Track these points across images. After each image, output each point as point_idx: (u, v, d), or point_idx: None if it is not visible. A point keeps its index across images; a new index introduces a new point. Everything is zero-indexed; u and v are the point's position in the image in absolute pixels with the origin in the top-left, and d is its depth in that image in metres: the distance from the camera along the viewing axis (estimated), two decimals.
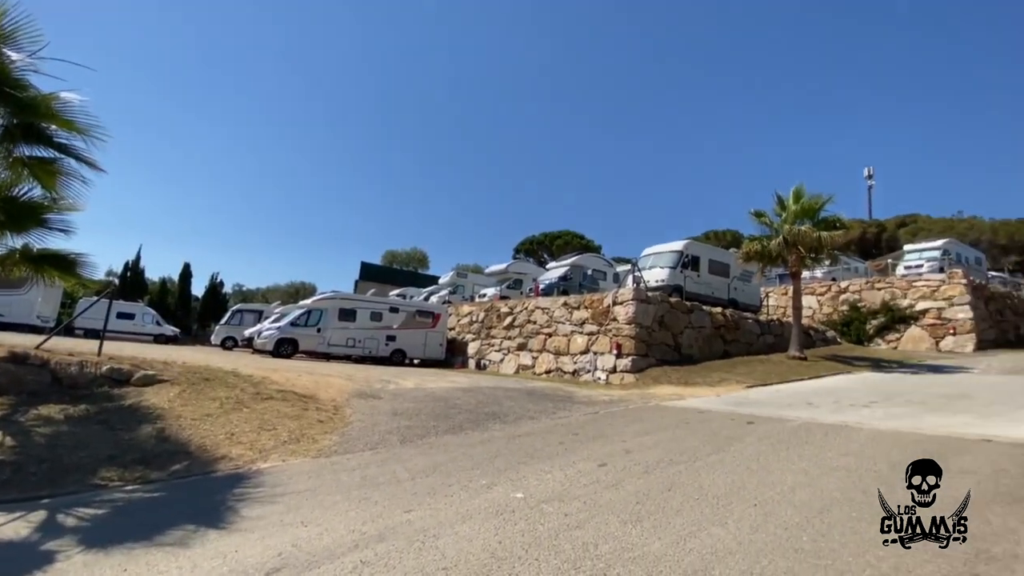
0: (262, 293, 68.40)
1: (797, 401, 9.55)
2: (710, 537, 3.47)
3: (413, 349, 20.89)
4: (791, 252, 16.50)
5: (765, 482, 4.68)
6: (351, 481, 4.98)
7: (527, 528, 3.64)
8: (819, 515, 3.85)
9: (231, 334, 27.31)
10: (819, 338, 20.87)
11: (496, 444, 6.44)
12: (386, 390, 10.33)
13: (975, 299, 21.12)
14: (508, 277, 28.34)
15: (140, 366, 8.58)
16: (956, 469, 4.98)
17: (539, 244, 57.52)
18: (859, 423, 7.23)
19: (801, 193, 16.99)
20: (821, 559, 3.13)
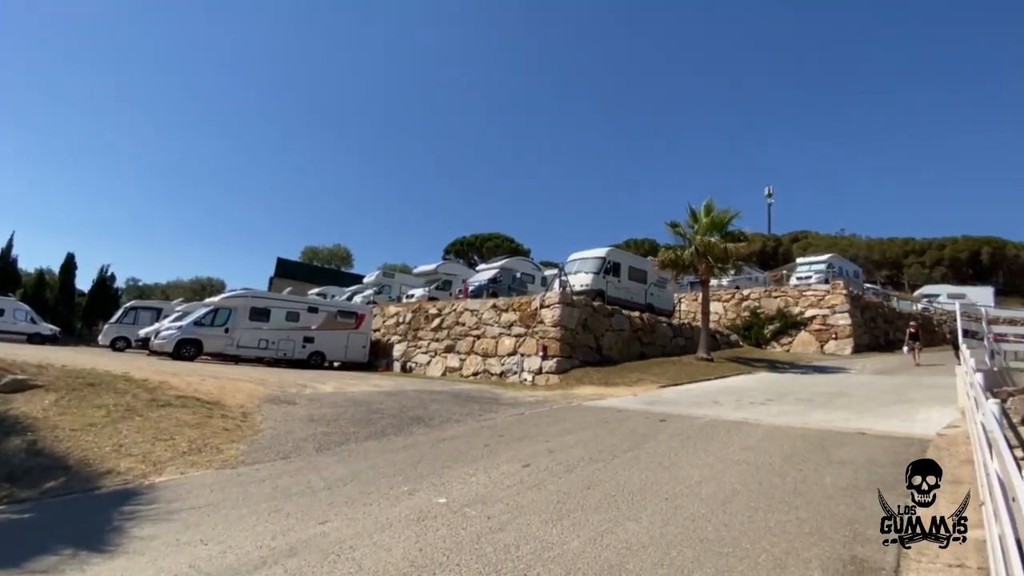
0: (162, 289, 62.37)
1: (704, 400, 10.28)
2: (625, 532, 3.63)
3: (333, 351, 19.97)
4: (701, 261, 17.76)
5: (675, 477, 4.98)
6: (260, 493, 4.66)
7: (449, 533, 3.60)
8: (722, 506, 4.16)
9: (123, 334, 24.58)
10: (724, 341, 22.61)
11: (420, 449, 6.32)
12: (302, 395, 9.80)
13: (853, 308, 23.91)
14: (437, 278, 27.97)
15: (8, 369, 7.50)
16: (837, 460, 5.59)
17: (469, 245, 57.41)
18: (757, 420, 7.92)
19: (711, 208, 18.35)
20: (724, 547, 3.38)
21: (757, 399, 10.22)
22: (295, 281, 41.54)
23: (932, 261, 50.70)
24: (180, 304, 28.19)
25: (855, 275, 30.97)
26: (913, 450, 5.90)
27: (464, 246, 57.62)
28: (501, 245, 54.04)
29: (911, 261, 51.54)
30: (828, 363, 18.63)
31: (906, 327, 19.95)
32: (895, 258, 52.46)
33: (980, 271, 49.04)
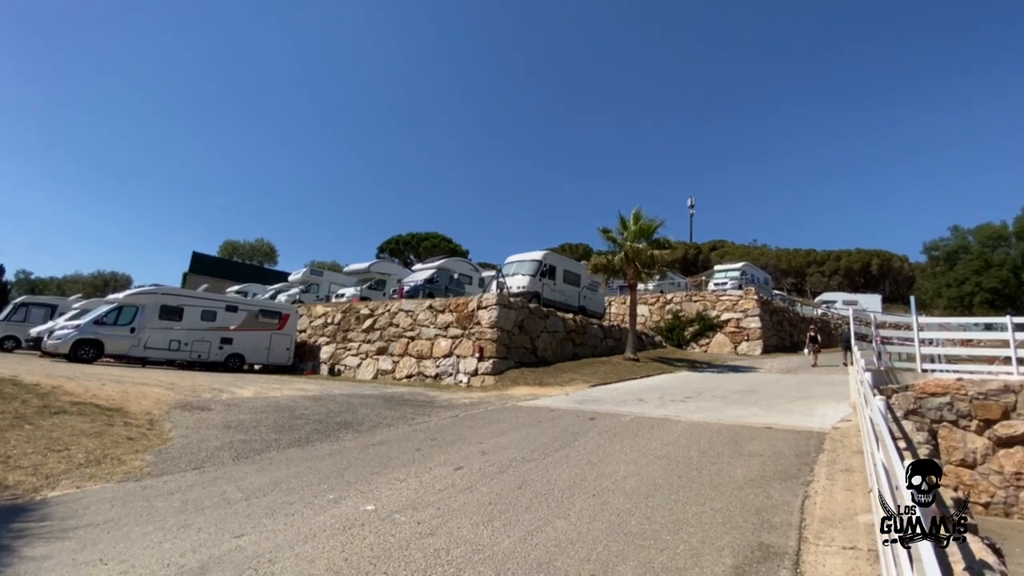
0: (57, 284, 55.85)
1: (630, 398, 10.74)
2: (554, 530, 3.71)
3: (254, 353, 18.79)
4: (630, 266, 18.57)
5: (603, 473, 5.17)
6: (168, 507, 4.29)
7: (376, 541, 3.50)
8: (645, 500, 4.37)
9: (12, 333, 21.73)
10: (650, 342, 23.77)
11: (348, 455, 6.10)
12: (218, 400, 9.15)
13: (763, 312, 26.01)
14: (370, 277, 27.11)
15: None
16: (748, 452, 6.05)
17: (406, 244, 56.16)
18: (678, 416, 8.39)
19: (640, 216, 19.24)
20: (646, 540, 3.55)
21: (678, 397, 10.82)
22: (212, 278, 38.65)
23: (830, 271, 56.25)
24: (78, 301, 25.24)
25: (765, 282, 33.71)
26: (812, 443, 6.49)
27: (400, 245, 56.30)
28: (439, 245, 53.36)
29: (813, 270, 56.92)
30: (741, 363, 20.09)
31: (808, 330, 21.98)
32: (799, 267, 57.67)
33: (870, 280, 55.06)
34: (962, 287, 39.64)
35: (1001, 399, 9.01)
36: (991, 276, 38.59)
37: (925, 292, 43.38)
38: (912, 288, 46.03)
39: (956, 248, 46.48)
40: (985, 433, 9.07)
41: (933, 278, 45.54)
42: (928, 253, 50.83)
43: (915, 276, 53.00)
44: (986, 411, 9.10)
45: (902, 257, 57.12)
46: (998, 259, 40.42)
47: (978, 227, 47.09)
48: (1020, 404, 8.88)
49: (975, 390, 9.19)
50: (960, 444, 9.15)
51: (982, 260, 40.43)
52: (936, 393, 9.45)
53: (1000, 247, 43.96)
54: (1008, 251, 42.62)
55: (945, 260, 45.77)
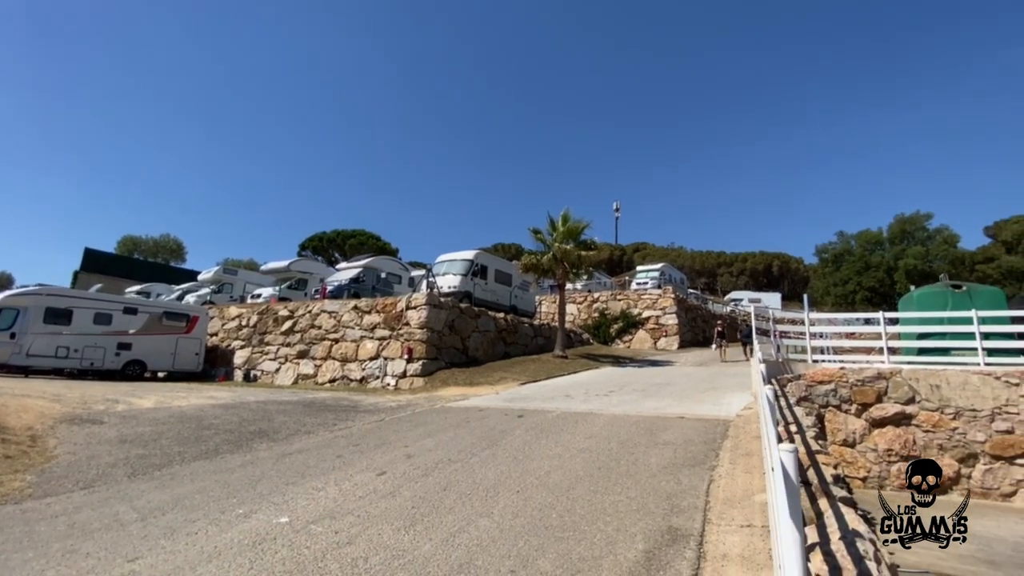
0: None
1: (558, 394, 11.03)
2: (477, 529, 3.74)
3: (157, 359, 17.20)
4: (559, 266, 19.08)
5: (527, 470, 5.27)
6: (51, 532, 3.83)
7: (290, 555, 3.34)
8: (567, 493, 4.51)
9: None
10: (578, 340, 24.56)
11: (261, 466, 5.75)
12: (112, 412, 8.29)
13: (679, 309, 27.76)
14: (290, 276, 25.71)
15: None
16: (662, 441, 6.42)
17: (330, 242, 53.80)
18: (601, 410, 8.74)
19: (568, 217, 19.79)
20: (566, 532, 3.67)
21: (602, 391, 11.27)
22: (109, 276, 34.91)
23: (738, 271, 61.13)
24: None
25: (681, 282, 36.03)
26: (719, 430, 7.02)
27: (324, 243, 53.87)
28: (366, 243, 51.69)
29: (723, 271, 61.58)
30: (660, 357, 21.29)
31: (715, 326, 23.70)
32: (711, 268, 62.16)
33: (772, 280, 60.47)
34: (846, 286, 44.60)
35: (875, 385, 10.25)
36: (870, 276, 43.76)
37: (817, 291, 48.34)
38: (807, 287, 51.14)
39: (842, 251, 52.28)
40: (863, 416, 10.28)
41: (823, 278, 50.84)
42: (819, 255, 56.79)
43: (809, 276, 58.89)
44: (863, 396, 10.31)
45: (799, 259, 63.27)
46: (875, 260, 45.91)
47: (859, 232, 53.33)
48: (891, 389, 10.15)
49: (854, 377, 10.39)
50: (842, 426, 10.30)
51: (863, 262, 45.75)
52: (823, 381, 10.57)
53: (877, 250, 49.99)
54: (883, 254, 48.57)
55: (833, 262, 51.31)
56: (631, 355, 22.07)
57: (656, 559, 3.17)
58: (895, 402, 10.04)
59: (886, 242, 51.14)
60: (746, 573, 3.00)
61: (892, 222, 51.65)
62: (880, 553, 2.61)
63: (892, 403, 10.07)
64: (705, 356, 21.53)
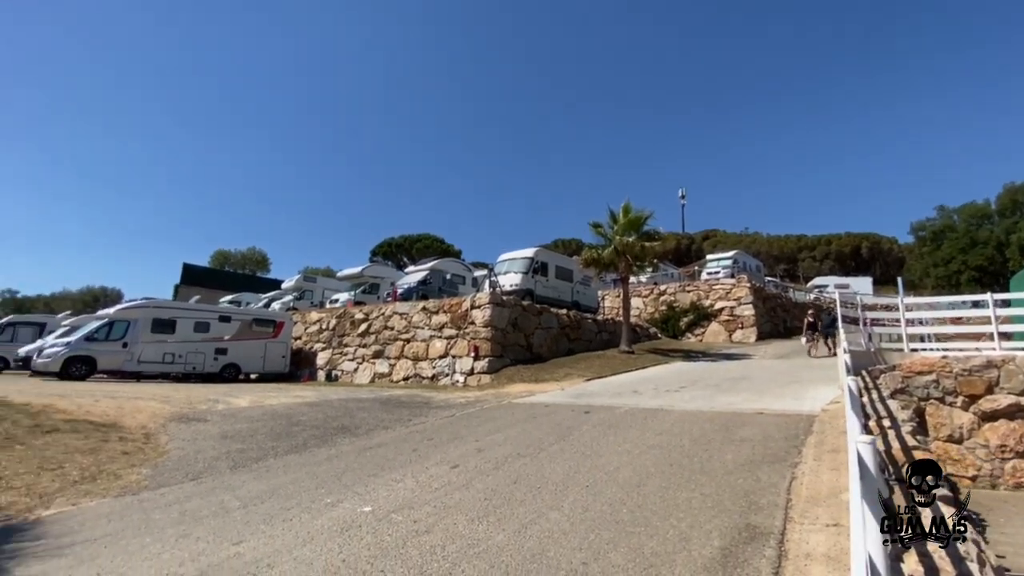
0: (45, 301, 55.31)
1: (625, 390, 10.85)
2: (548, 522, 3.79)
3: (250, 363, 18.77)
4: (621, 260, 18.68)
5: (596, 465, 5.25)
6: (166, 519, 4.34)
7: (374, 541, 3.57)
8: (637, 489, 4.46)
9: (0, 353, 21.53)
10: (644, 334, 23.94)
11: (345, 459, 6.15)
12: (214, 411, 9.16)
13: (756, 299, 26.23)
14: (363, 281, 27.07)
15: None
16: (738, 438, 6.16)
17: (398, 247, 56.13)
18: (671, 406, 8.50)
19: (629, 209, 19.32)
20: (637, 527, 3.64)
21: (672, 387, 10.94)
22: (204, 288, 38.39)
23: (821, 255, 56.76)
24: (68, 318, 25.06)
25: (757, 269, 34.01)
26: (802, 425, 6.62)
27: (393, 248, 56.27)
28: (431, 246, 53.36)
29: (804, 256, 57.40)
30: (735, 350, 20.28)
31: (803, 316, 22.01)
32: (791, 253, 58.15)
33: (861, 263, 55.63)
34: (949, 266, 40.17)
35: (985, 375, 9.19)
36: (977, 254, 39.14)
37: (914, 272, 43.93)
38: (902, 269, 46.60)
39: (942, 228, 47.10)
40: (970, 408, 9.25)
41: (921, 258, 46.11)
42: (915, 234, 51.48)
43: (904, 257, 53.62)
44: (971, 387, 9.28)
45: (891, 239, 57.79)
46: (983, 236, 40.98)
47: (963, 206, 47.78)
48: (1003, 379, 9.07)
49: (959, 367, 9.37)
50: (947, 420, 9.33)
51: (968, 238, 41.00)
52: (922, 372, 9.62)
53: (984, 225, 44.58)
54: (992, 228, 43.23)
55: (932, 240, 46.36)
56: (703, 349, 21.21)
57: (733, 556, 3.07)
58: (1009, 393, 8.95)
59: (994, 215, 45.44)
60: (832, 574, 2.83)
61: (1001, 192, 45.78)
62: (985, 555, 2.37)
63: (1005, 394, 8.98)
64: (786, 348, 20.26)
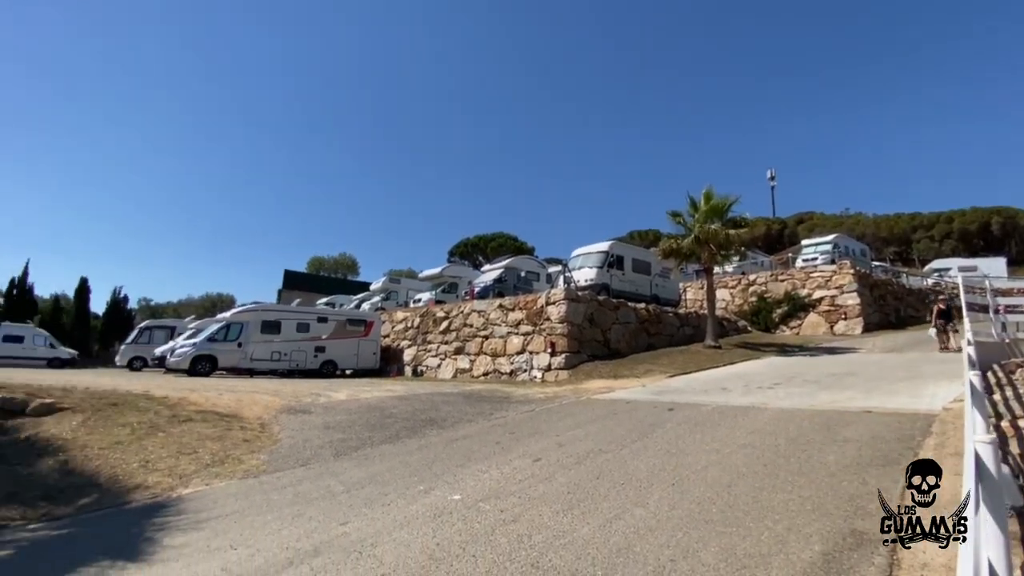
0: (173, 307, 63.17)
1: (712, 387, 10.37)
2: (633, 518, 3.77)
3: (345, 359, 20.25)
4: (703, 249, 17.79)
5: (682, 463, 5.11)
6: (282, 499, 4.86)
7: (464, 527, 3.76)
8: (727, 489, 4.29)
9: (139, 353, 24.96)
10: (732, 328, 22.63)
11: (434, 450, 6.50)
12: (317, 403, 10.02)
13: (861, 287, 23.77)
14: (443, 281, 28.16)
15: (36, 394, 7.77)
16: (842, 438, 5.69)
17: (474, 247, 57.60)
18: (764, 404, 8.02)
19: (711, 195, 18.35)
20: (728, 527, 3.51)
21: (765, 383, 10.30)
22: (303, 292, 41.92)
23: (941, 235, 50.11)
24: (192, 321, 28.64)
25: (862, 253, 30.80)
26: (919, 425, 5.98)
27: (468, 247, 57.82)
28: (505, 244, 54.17)
29: (920, 236, 50.97)
30: (837, 344, 18.61)
31: (931, 304, 19.44)
32: (903, 234, 51.93)
33: (991, 242, 48.40)
34: None
35: None
36: None
37: None
38: None
39: None
40: None
41: None
42: None
43: None
44: None
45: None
46: None
47: None
48: None
49: None
50: None
51: None
52: None
53: None
54: None
55: None
56: (800, 342, 19.68)
57: (836, 563, 2.88)
58: None
59: None
60: None
61: None
62: None
63: None
64: (899, 340, 18.26)
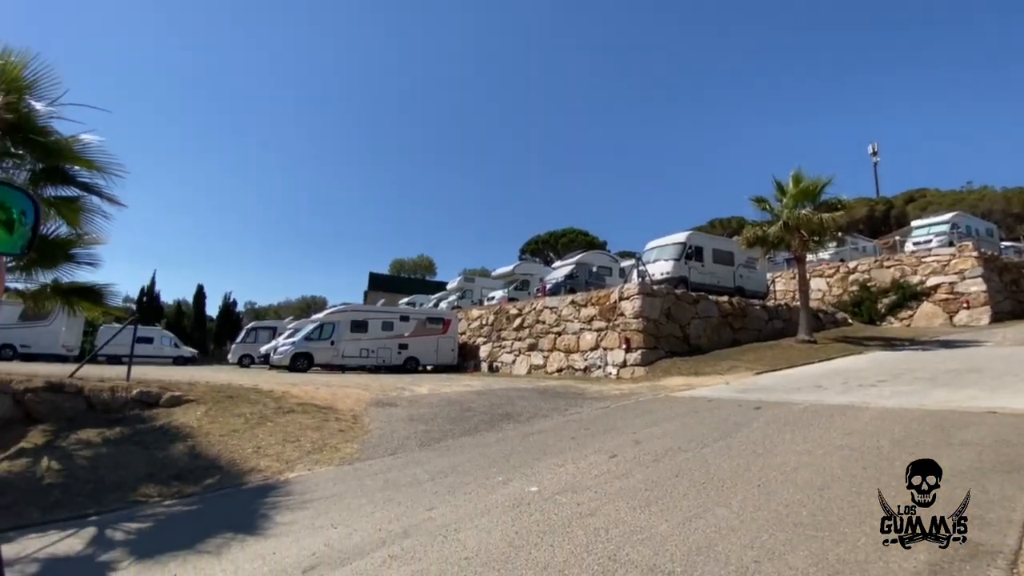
0: (274, 309, 69.21)
1: (805, 384, 9.68)
2: (714, 517, 3.68)
3: (425, 356, 21.21)
4: (793, 236, 16.56)
5: (769, 464, 4.87)
6: (374, 485, 5.25)
7: (542, 518, 3.87)
8: (820, 492, 4.03)
9: (247, 352, 27.77)
10: (829, 320, 20.86)
11: (510, 443, 6.68)
12: (402, 397, 10.62)
13: (988, 271, 20.88)
14: (515, 279, 28.58)
15: (167, 388, 8.94)
16: (958, 442, 5.12)
17: (544, 243, 57.68)
18: (865, 403, 7.37)
19: (800, 177, 17.02)
20: (819, 531, 3.32)
21: (867, 381, 9.45)
22: (386, 293, 44.36)
23: None
24: (291, 322, 31.34)
25: (988, 233, 27.09)
26: None
27: (540, 244, 57.97)
28: (576, 240, 53.72)
29: None
30: (958, 336, 16.57)
31: None
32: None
33: None
34: None
35: None
36: None
37: None
38: None
39: None
40: None
41: None
42: None
43: None
44: None
45: None
46: None
47: None
48: None
49: None
50: None
51: None
52: None
53: None
54: None
55: None
56: (911, 335, 17.76)
57: (944, 574, 2.64)
58: None
59: None
60: None
61: None
62: None
63: None
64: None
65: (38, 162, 5.79)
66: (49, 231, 6.12)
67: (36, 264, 6.09)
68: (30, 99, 5.31)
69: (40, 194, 5.93)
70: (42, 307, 6.99)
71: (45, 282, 6.44)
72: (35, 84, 5.44)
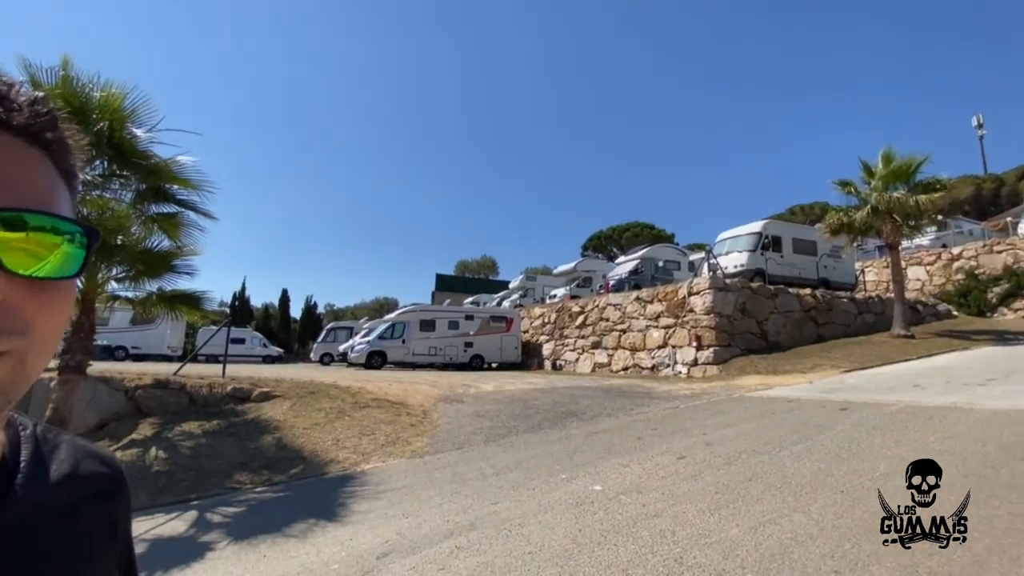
0: (351, 310, 73.10)
1: (900, 383, 8.85)
2: (791, 523, 3.48)
3: (490, 354, 21.57)
4: (883, 221, 15.14)
5: (855, 470, 4.52)
6: (443, 478, 5.45)
7: (606, 517, 3.85)
8: None
9: (327, 350, 29.58)
10: (929, 313, 18.89)
11: (574, 441, 6.67)
12: (468, 394, 10.89)
13: None
14: (577, 276, 28.30)
15: (257, 385, 9.76)
16: None
17: (607, 239, 56.56)
18: (970, 403, 6.63)
19: (891, 157, 15.51)
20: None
21: (974, 379, 8.49)
22: (452, 293, 45.54)
23: None
24: (366, 322, 33.05)
25: None
26: None
27: (602, 240, 56.91)
28: (641, 234, 52.19)
29: None
30: None
31: None
32: None
33: None
34: None
35: None
36: None
37: None
38: None
39: None
40: None
41: None
42: None
43: None
44: None
45: None
46: None
47: None
48: None
49: None
50: None
51: None
52: None
53: None
54: None
55: None
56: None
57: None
58: None
59: None
60: None
61: None
62: None
63: None
64: None
65: (141, 183, 6.54)
66: (153, 245, 6.90)
67: (143, 275, 6.88)
68: (131, 126, 6.00)
69: (144, 212, 6.70)
70: (149, 312, 7.89)
71: (151, 290, 7.25)
72: (134, 113, 6.15)
